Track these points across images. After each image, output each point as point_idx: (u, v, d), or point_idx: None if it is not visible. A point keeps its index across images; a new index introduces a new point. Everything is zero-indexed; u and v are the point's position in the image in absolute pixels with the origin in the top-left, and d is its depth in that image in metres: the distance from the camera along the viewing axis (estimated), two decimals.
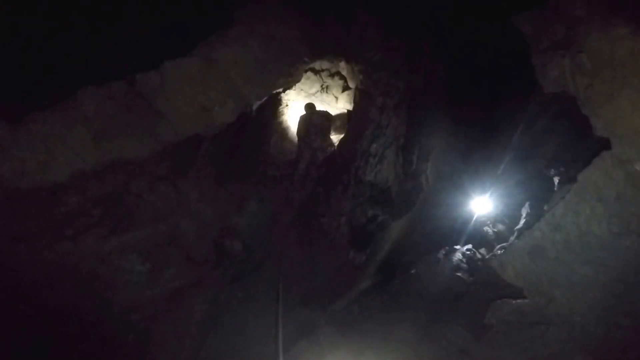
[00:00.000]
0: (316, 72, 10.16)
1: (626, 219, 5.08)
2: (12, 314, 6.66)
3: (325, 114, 10.55)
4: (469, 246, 7.83)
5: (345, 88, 10.73)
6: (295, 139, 10.95)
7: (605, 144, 5.06)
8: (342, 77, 10.39)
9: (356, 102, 9.59)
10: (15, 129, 6.34)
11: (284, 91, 9.38)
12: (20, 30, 6.75)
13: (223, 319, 8.33)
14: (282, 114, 10.78)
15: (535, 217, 6.20)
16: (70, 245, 7.19)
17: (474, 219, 8.11)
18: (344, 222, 9.28)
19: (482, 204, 8.10)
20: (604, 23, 4.53)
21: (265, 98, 8.12)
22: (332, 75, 10.41)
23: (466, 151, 8.11)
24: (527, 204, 6.79)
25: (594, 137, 5.19)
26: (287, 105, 11.12)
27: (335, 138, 11.30)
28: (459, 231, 8.34)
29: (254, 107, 8.04)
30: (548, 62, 5.16)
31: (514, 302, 6.06)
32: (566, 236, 5.48)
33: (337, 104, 11.26)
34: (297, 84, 9.16)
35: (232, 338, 8.07)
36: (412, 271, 8.11)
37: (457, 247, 7.97)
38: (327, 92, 10.94)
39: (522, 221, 6.71)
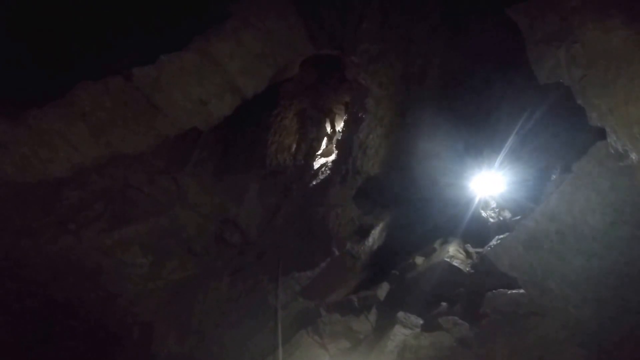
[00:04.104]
0: (313, 64, 10.12)
1: (620, 210, 5.08)
2: (19, 308, 6.79)
3: (322, 106, 10.53)
4: (466, 237, 7.87)
5: (342, 79, 10.69)
6: (293, 130, 10.97)
7: (600, 134, 5.04)
8: (339, 69, 10.35)
9: (353, 93, 9.56)
10: (16, 125, 6.39)
11: (281, 83, 9.35)
12: (18, 28, 6.77)
13: (224, 310, 8.46)
14: (280, 106, 10.76)
15: (531, 207, 6.21)
16: (74, 239, 7.30)
17: (472, 211, 8.13)
18: (342, 213, 9.31)
19: (478, 194, 8.10)
20: (598, 13, 4.47)
21: (262, 90, 8.11)
22: (328, 67, 10.36)
23: (462, 143, 8.09)
24: (523, 195, 6.80)
25: (589, 127, 5.17)
26: (284, 98, 11.11)
27: (334, 129, 11.31)
28: (457, 220, 8.36)
29: (251, 100, 8.03)
30: (543, 53, 5.11)
31: (509, 292, 6.10)
32: (560, 226, 5.49)
33: (334, 96, 11.24)
34: (293, 76, 9.12)
35: (233, 328, 8.20)
36: (410, 261, 8.16)
37: (454, 237, 8.01)
38: (324, 84, 10.90)
39: (519, 211, 6.74)
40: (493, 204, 7.95)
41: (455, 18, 7.84)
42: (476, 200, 8.17)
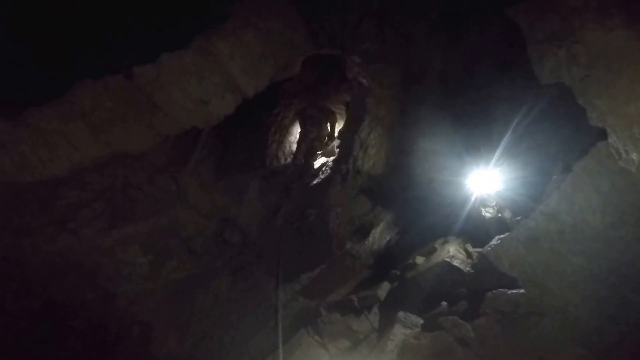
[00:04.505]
0: (313, 63, 10.12)
1: (621, 209, 5.09)
2: (18, 308, 6.78)
3: (322, 105, 10.54)
4: (466, 236, 7.87)
5: (343, 79, 10.69)
6: (293, 130, 10.98)
7: (601, 134, 5.05)
8: (340, 69, 10.35)
9: (354, 93, 9.56)
10: (15, 125, 6.38)
11: (281, 83, 9.35)
12: (17, 28, 6.75)
13: (224, 309, 8.45)
14: (280, 106, 10.76)
15: (531, 207, 6.20)
16: (73, 238, 7.29)
17: (472, 210, 8.13)
18: (342, 213, 9.32)
19: (478, 193, 8.10)
20: (599, 13, 4.47)
21: (262, 90, 8.12)
22: (329, 67, 10.35)
23: (462, 142, 8.09)
24: (524, 194, 6.80)
25: (589, 128, 5.17)
26: (284, 97, 11.11)
27: (334, 128, 11.30)
28: (457, 220, 8.36)
29: (252, 99, 8.04)
30: (544, 54, 5.11)
31: (509, 292, 6.10)
32: (561, 226, 5.50)
33: (335, 95, 11.23)
34: (294, 75, 9.12)
35: (233, 328, 8.19)
36: (410, 261, 8.17)
37: (454, 237, 8.01)
38: (324, 84, 10.89)
39: (519, 210, 6.74)
40: (493, 203, 7.95)
41: (455, 18, 7.85)
42: (476, 200, 8.17)
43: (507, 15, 5.43)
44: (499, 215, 7.75)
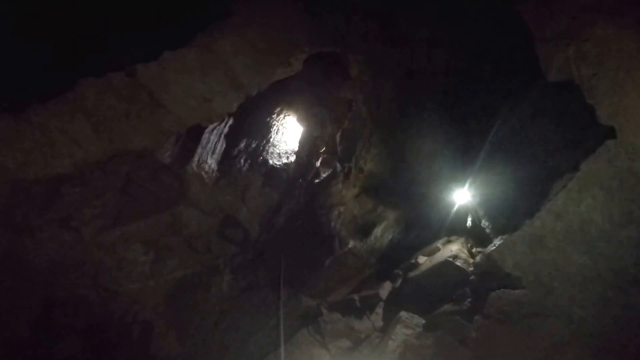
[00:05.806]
0: (316, 61, 10.08)
1: (628, 209, 5.04)
2: (18, 307, 6.74)
3: (326, 103, 10.51)
4: (469, 235, 7.83)
5: (346, 77, 10.65)
6: (297, 127, 10.96)
7: (609, 133, 5.00)
8: (343, 67, 10.30)
9: (357, 91, 9.53)
10: (17, 121, 6.35)
11: (284, 80, 9.32)
12: (20, 24, 6.73)
13: (225, 308, 8.43)
14: (283, 103, 10.73)
15: (534, 207, 6.13)
16: (75, 236, 7.25)
17: (474, 209, 8.08)
18: (344, 211, 9.30)
19: (479, 193, 8.06)
20: (610, 11, 4.44)
21: (266, 87, 8.09)
22: (332, 65, 10.31)
23: (463, 141, 8.06)
24: (525, 194, 6.74)
25: (598, 126, 5.12)
26: (287, 95, 11.06)
27: (337, 127, 11.26)
28: (460, 219, 8.33)
29: (255, 97, 8.01)
30: (552, 51, 5.07)
31: (512, 292, 6.04)
32: (567, 226, 5.44)
33: (338, 93, 11.19)
34: (297, 73, 9.08)
35: (234, 327, 8.17)
36: (412, 260, 8.14)
37: (457, 236, 7.98)
38: (328, 81, 10.86)
39: (521, 211, 6.68)
40: (490, 204, 7.89)
41: (458, 17, 7.80)
42: (478, 199, 8.13)
43: (509, 15, 5.39)
44: (501, 217, 7.70)
